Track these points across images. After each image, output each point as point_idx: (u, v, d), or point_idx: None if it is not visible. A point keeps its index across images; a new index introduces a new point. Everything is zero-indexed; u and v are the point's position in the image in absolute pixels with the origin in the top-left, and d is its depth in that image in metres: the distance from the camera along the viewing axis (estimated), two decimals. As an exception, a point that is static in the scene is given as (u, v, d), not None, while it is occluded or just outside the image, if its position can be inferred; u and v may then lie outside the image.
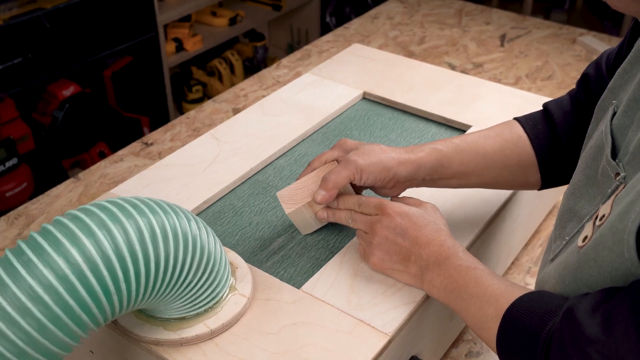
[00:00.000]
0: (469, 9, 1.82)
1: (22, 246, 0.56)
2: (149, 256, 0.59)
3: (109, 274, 0.56)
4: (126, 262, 0.57)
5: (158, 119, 2.46)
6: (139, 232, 0.59)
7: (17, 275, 0.54)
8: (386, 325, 0.69)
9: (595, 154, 0.63)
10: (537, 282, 0.69)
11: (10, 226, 1.05)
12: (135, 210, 0.60)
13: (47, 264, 0.54)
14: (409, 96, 1.10)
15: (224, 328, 0.68)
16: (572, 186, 0.67)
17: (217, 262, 0.67)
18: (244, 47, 2.91)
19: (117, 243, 0.57)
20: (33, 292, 0.54)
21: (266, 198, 0.90)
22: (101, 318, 0.58)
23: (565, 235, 0.65)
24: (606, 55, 0.77)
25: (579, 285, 0.56)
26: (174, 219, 0.62)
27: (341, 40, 1.64)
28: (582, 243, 0.56)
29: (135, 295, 0.59)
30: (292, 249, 0.81)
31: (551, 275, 0.62)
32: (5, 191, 2.00)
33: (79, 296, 0.55)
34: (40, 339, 0.54)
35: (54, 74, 2.07)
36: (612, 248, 0.51)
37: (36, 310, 0.54)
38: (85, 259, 0.55)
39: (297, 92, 1.12)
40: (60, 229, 0.57)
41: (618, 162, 0.58)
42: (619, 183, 0.57)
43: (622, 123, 0.61)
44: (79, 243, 0.56)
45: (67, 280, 0.54)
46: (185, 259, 0.62)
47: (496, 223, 0.86)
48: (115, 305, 0.58)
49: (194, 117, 1.33)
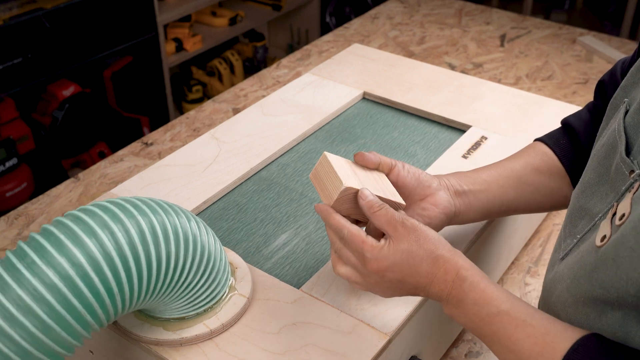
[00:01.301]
0: (469, 9, 1.82)
1: (24, 247, 0.56)
2: (150, 256, 0.59)
3: (112, 274, 0.56)
4: (129, 262, 0.57)
5: (158, 119, 2.46)
6: (141, 232, 0.59)
7: (20, 276, 0.54)
8: (386, 325, 0.69)
9: (608, 151, 0.62)
10: (547, 282, 0.67)
11: (10, 226, 1.05)
12: (136, 210, 0.60)
13: (50, 264, 0.54)
14: (409, 96, 1.10)
15: (223, 328, 0.68)
16: (582, 185, 0.66)
17: (217, 262, 0.67)
18: (244, 47, 2.91)
19: (120, 243, 0.57)
20: (37, 292, 0.54)
21: (270, 195, 0.90)
22: (104, 318, 0.58)
23: (577, 233, 0.64)
24: (621, 63, 0.77)
25: (593, 286, 0.55)
26: (174, 219, 0.62)
27: (341, 40, 1.64)
28: (601, 243, 0.56)
29: (137, 294, 0.59)
30: (297, 245, 0.81)
31: (565, 275, 0.62)
32: (5, 191, 2.00)
33: (82, 296, 0.55)
34: (43, 339, 0.54)
35: (54, 74, 2.07)
36: (635, 248, 0.50)
37: (40, 310, 0.54)
38: (88, 259, 0.55)
39: (297, 92, 1.12)
40: (62, 230, 0.57)
41: (632, 159, 0.57)
42: (634, 180, 0.56)
43: (636, 120, 0.60)
44: (81, 243, 0.56)
45: (70, 281, 0.55)
46: (186, 258, 0.62)
47: (496, 223, 0.86)
48: (118, 305, 0.58)
49: (194, 117, 1.33)
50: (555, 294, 0.64)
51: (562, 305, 0.62)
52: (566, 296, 0.61)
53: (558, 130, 0.82)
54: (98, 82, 2.36)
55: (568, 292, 0.60)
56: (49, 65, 2.04)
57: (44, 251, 0.55)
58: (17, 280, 0.54)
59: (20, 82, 1.98)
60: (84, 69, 2.23)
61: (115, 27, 2.22)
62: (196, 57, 2.74)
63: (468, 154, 0.94)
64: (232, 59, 2.77)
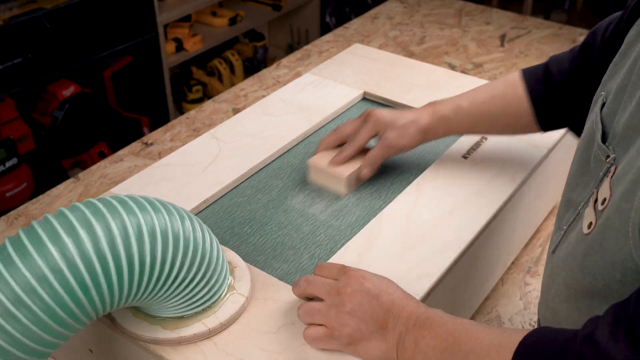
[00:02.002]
0: (469, 9, 1.82)
1: (7, 244, 0.56)
2: (132, 255, 0.58)
3: (88, 273, 0.56)
4: (107, 260, 0.57)
5: (158, 119, 2.46)
6: (124, 230, 0.58)
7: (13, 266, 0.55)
8: (385, 324, 0.69)
9: (587, 143, 0.65)
10: (545, 278, 0.69)
11: (10, 226, 1.05)
12: (123, 208, 0.59)
13: (27, 263, 0.55)
14: (409, 96, 1.10)
15: (222, 327, 0.68)
16: (567, 179, 0.69)
17: (212, 261, 0.66)
18: (244, 47, 2.91)
19: (98, 241, 0.57)
20: (27, 284, 0.54)
21: (270, 194, 0.90)
22: (83, 316, 0.57)
23: (563, 225, 0.66)
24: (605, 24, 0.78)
25: (584, 274, 0.56)
26: (164, 218, 0.61)
27: (341, 40, 1.64)
28: (588, 230, 0.57)
29: (118, 293, 0.58)
30: (296, 245, 0.81)
31: (560, 268, 0.63)
32: (5, 191, 2.00)
33: (57, 295, 0.55)
34: (33, 328, 0.55)
35: (54, 74, 2.07)
36: (619, 228, 0.51)
37: (19, 313, 0.54)
38: (63, 257, 0.55)
39: (297, 92, 1.12)
40: (44, 227, 0.57)
41: (608, 145, 0.60)
42: (610, 165, 0.58)
43: (611, 110, 0.62)
44: (58, 242, 0.56)
45: (45, 280, 0.55)
46: (175, 258, 0.61)
47: (496, 223, 0.86)
48: (96, 303, 0.57)
49: (194, 117, 1.33)
50: (554, 288, 0.64)
51: (559, 299, 0.63)
52: (563, 289, 0.62)
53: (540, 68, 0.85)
54: (98, 82, 2.36)
55: (564, 284, 0.61)
56: (49, 65, 2.04)
57: (24, 249, 0.55)
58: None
59: (20, 82, 1.98)
60: (84, 69, 2.23)
61: (115, 27, 2.22)
62: (196, 57, 2.74)
63: (468, 154, 0.94)
64: (232, 59, 2.77)
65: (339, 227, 0.84)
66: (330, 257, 0.78)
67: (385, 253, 0.78)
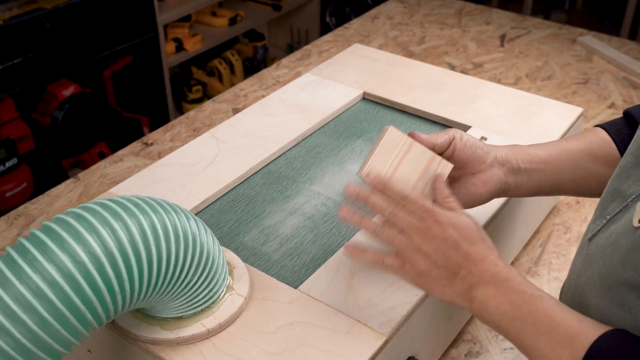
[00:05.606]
0: (469, 9, 1.82)
1: (25, 244, 0.56)
2: (151, 253, 0.59)
3: (113, 272, 0.57)
4: (130, 259, 0.58)
5: (158, 119, 2.46)
6: (142, 230, 0.59)
7: (22, 272, 0.54)
8: (383, 325, 0.69)
9: None
10: (578, 264, 0.66)
11: (10, 226, 1.05)
12: (137, 209, 0.60)
13: (52, 261, 0.54)
14: (409, 96, 1.10)
15: (220, 328, 0.68)
16: (619, 168, 0.65)
17: (215, 261, 0.67)
18: (244, 47, 2.91)
19: (121, 240, 0.57)
20: (38, 289, 0.54)
21: (278, 187, 0.91)
22: (104, 316, 0.58)
23: (607, 214, 0.63)
24: None
25: (625, 267, 0.55)
26: (174, 218, 0.62)
27: (341, 40, 1.64)
28: (639, 224, 0.55)
29: (138, 292, 0.59)
30: (294, 246, 0.81)
31: (597, 257, 0.61)
32: (5, 191, 2.00)
33: (83, 294, 0.55)
34: (43, 335, 0.54)
35: (54, 74, 2.07)
36: None
37: (40, 307, 0.54)
38: (90, 256, 0.55)
39: (297, 92, 1.12)
40: (64, 227, 0.57)
41: None
42: None
43: None
44: (83, 240, 0.56)
45: (72, 278, 0.55)
46: (186, 257, 0.62)
47: (496, 223, 0.86)
48: (118, 302, 0.58)
49: (194, 117, 1.33)
50: (586, 276, 0.63)
51: (590, 288, 0.61)
52: (596, 279, 0.60)
53: (620, 120, 0.81)
54: (98, 82, 2.36)
55: (599, 274, 0.59)
56: (49, 65, 2.04)
57: (45, 247, 0.55)
58: (18, 276, 0.54)
59: (20, 82, 1.98)
60: (84, 69, 2.23)
61: (115, 27, 2.22)
62: (196, 57, 2.74)
63: (467, 154, 0.94)
64: (232, 59, 2.77)
65: (337, 224, 0.84)
66: (329, 258, 0.77)
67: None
